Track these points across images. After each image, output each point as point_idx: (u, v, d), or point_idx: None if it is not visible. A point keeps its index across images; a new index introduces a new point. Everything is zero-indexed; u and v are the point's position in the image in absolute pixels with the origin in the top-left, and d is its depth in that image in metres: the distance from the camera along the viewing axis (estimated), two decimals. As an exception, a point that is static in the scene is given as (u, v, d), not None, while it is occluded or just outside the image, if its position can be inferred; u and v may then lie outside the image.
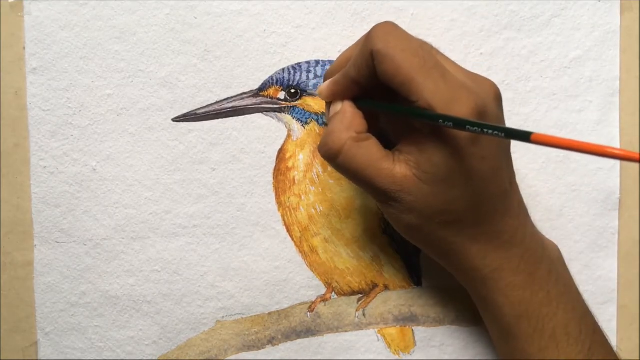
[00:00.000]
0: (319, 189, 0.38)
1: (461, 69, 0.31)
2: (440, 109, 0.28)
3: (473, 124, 0.27)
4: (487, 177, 0.30)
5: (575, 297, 0.33)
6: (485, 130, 0.27)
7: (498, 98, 0.31)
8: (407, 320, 0.39)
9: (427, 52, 0.29)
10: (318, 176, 0.38)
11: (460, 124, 0.27)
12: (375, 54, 0.29)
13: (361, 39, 0.31)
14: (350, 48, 0.33)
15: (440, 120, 0.28)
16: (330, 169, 0.38)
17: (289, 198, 0.38)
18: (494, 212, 0.31)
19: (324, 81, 0.33)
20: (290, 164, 0.38)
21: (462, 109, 0.28)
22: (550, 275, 0.32)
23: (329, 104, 0.33)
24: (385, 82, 0.29)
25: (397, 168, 0.30)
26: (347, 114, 0.31)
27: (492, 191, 0.30)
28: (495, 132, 0.26)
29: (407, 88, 0.28)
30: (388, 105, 0.31)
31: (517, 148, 0.32)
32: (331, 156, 0.31)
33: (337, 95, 0.32)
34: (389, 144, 0.32)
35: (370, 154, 0.30)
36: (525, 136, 0.25)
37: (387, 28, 0.29)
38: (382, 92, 0.31)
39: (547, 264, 0.32)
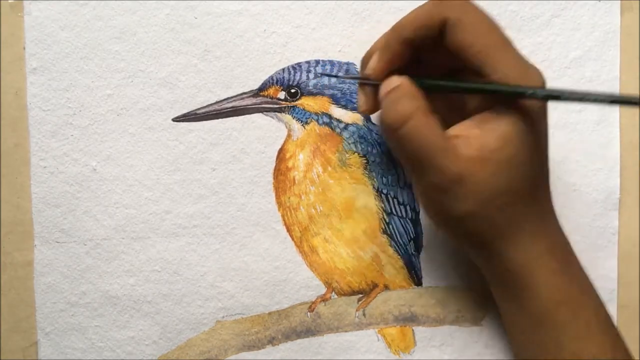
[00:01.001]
0: (319, 189, 0.38)
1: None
2: (514, 83, 0.28)
3: (571, 93, 0.27)
4: (546, 151, 0.30)
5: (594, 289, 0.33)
6: (588, 97, 0.27)
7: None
8: (407, 320, 0.39)
9: (500, 27, 0.29)
10: (318, 176, 0.38)
11: (555, 95, 0.28)
12: (453, 21, 0.29)
13: (424, 5, 0.30)
14: (380, 39, 0.32)
15: (531, 92, 0.28)
16: (330, 168, 0.38)
17: (289, 198, 0.38)
18: (545, 189, 0.31)
19: (362, 65, 0.32)
20: (290, 164, 0.38)
21: (535, 85, 0.28)
22: (580, 264, 0.32)
23: (365, 90, 0.31)
24: (454, 51, 0.29)
25: (462, 149, 0.29)
26: (408, 86, 0.29)
27: (546, 169, 0.31)
28: (600, 99, 0.27)
29: (483, 59, 0.28)
30: (455, 83, 0.30)
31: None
32: (396, 124, 0.29)
33: (390, 62, 0.30)
34: None
35: (437, 129, 0.29)
36: (635, 102, 0.25)
37: None
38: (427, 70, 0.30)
39: (575, 254, 0.32)
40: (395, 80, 0.30)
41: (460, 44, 0.29)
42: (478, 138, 0.29)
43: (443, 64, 0.32)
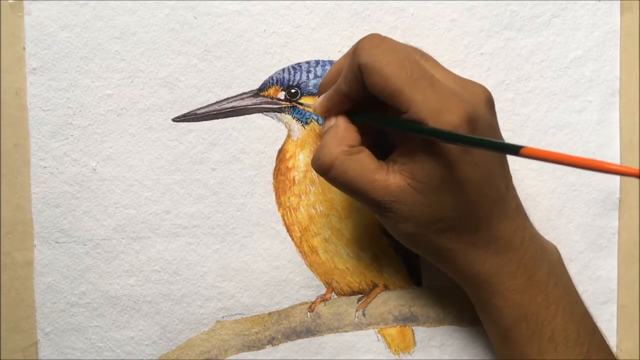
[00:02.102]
0: (318, 189, 0.38)
1: (452, 76, 0.31)
2: (430, 119, 0.28)
3: (462, 139, 0.27)
4: (481, 183, 0.30)
5: (574, 299, 0.33)
6: (474, 144, 0.27)
7: (490, 103, 0.31)
8: (407, 320, 0.39)
9: (414, 63, 0.29)
10: (318, 176, 0.38)
11: (449, 138, 0.27)
12: (363, 67, 0.29)
13: (349, 52, 0.31)
14: (340, 60, 0.33)
15: (431, 135, 0.28)
16: (330, 169, 0.38)
17: (289, 198, 0.38)
18: (491, 217, 0.31)
19: (318, 95, 0.33)
20: (290, 164, 0.38)
21: (452, 118, 0.28)
22: (550, 278, 0.32)
23: (324, 119, 0.33)
24: (375, 95, 0.29)
25: (391, 179, 0.30)
26: (340, 128, 0.32)
27: (487, 196, 0.30)
28: (484, 146, 0.26)
29: (396, 100, 0.29)
30: (380, 119, 0.31)
31: (517, 148, 0.32)
32: (323, 170, 0.31)
33: (331, 110, 0.32)
34: (388, 152, 0.32)
35: (362, 166, 0.30)
36: (514, 150, 0.25)
37: (373, 41, 0.30)
38: (376, 104, 0.31)
39: (547, 266, 0.32)
40: (332, 120, 0.32)
41: (373, 89, 0.29)
42: (409, 165, 0.30)
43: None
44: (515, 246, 0.31)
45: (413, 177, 0.29)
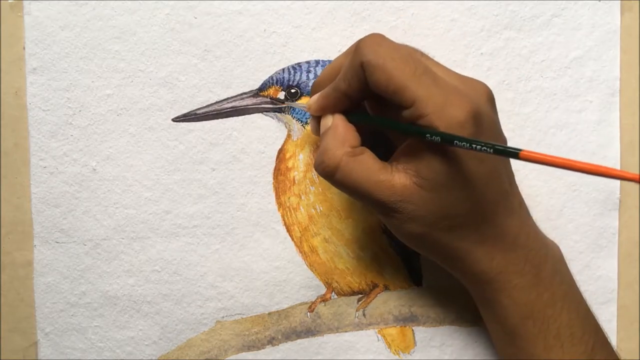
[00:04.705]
0: (318, 189, 0.38)
1: (452, 73, 0.31)
2: (434, 114, 0.28)
3: (461, 140, 0.27)
4: (486, 179, 0.30)
5: (578, 296, 0.33)
6: (474, 146, 0.27)
7: (491, 100, 0.31)
8: (407, 320, 0.39)
9: (416, 60, 0.29)
10: (318, 176, 0.38)
11: (447, 139, 0.27)
12: (366, 64, 0.29)
13: (349, 50, 0.31)
14: (337, 59, 0.33)
15: (427, 135, 0.28)
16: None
17: (289, 198, 0.38)
18: (496, 214, 0.31)
19: (312, 94, 0.33)
20: (290, 164, 0.38)
21: (456, 113, 0.28)
22: (555, 276, 0.32)
23: (316, 117, 0.33)
24: (377, 92, 0.29)
25: (395, 178, 0.30)
26: (340, 129, 0.31)
27: (493, 192, 0.30)
28: (484, 148, 0.26)
29: (400, 96, 0.29)
30: (378, 119, 0.31)
31: (517, 148, 0.32)
32: (328, 173, 0.31)
33: (327, 109, 0.32)
34: (386, 152, 0.32)
35: (367, 167, 0.30)
36: (514, 154, 0.25)
37: (375, 39, 0.30)
38: (372, 104, 0.31)
39: (551, 264, 0.32)
40: (329, 120, 0.32)
41: (376, 86, 0.29)
42: (414, 164, 0.30)
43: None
44: (521, 243, 0.31)
45: (418, 175, 0.29)
